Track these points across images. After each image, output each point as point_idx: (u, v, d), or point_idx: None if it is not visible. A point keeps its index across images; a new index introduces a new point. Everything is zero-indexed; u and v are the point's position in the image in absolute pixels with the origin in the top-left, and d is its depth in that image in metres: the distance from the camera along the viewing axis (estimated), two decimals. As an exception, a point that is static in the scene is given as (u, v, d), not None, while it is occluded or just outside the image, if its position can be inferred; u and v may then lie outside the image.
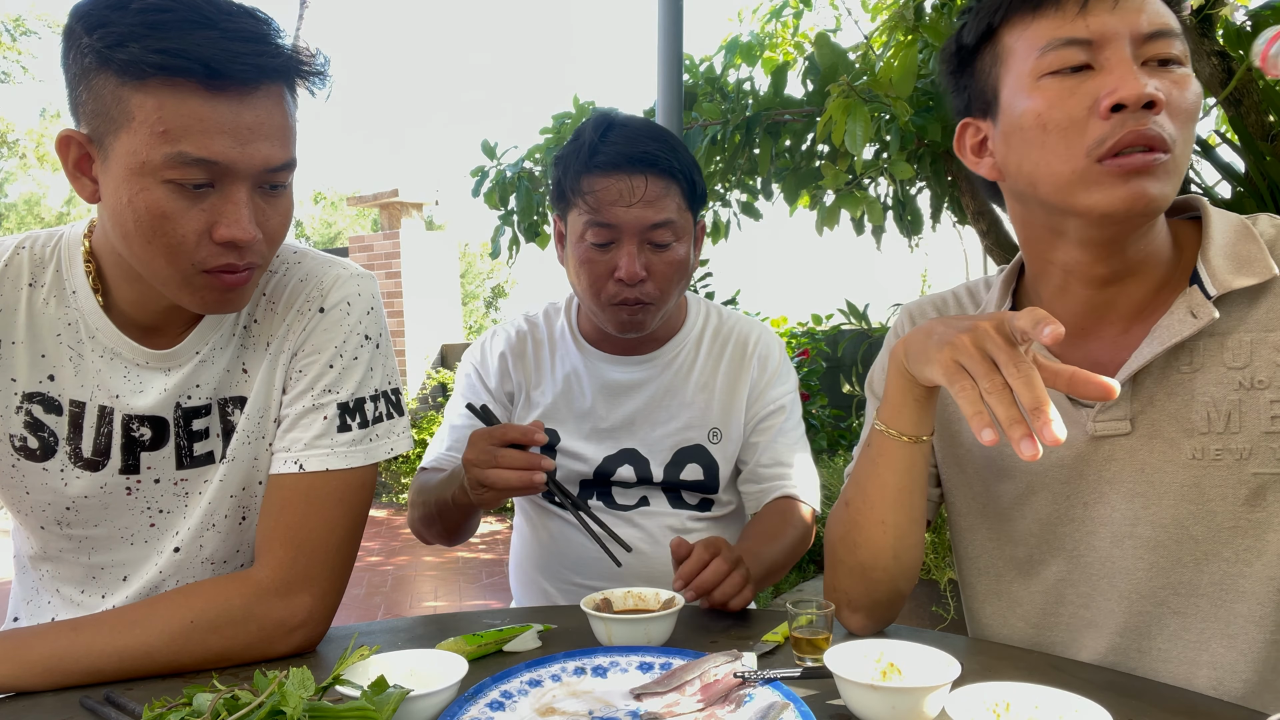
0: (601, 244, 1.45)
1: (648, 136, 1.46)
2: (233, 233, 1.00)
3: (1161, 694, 0.96)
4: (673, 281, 1.49)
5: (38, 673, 1.01)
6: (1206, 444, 1.00)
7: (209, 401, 1.17)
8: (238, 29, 0.96)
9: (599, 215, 1.43)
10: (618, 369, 1.61)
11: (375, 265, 7.60)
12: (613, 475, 1.59)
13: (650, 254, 1.46)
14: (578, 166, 1.46)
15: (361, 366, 1.18)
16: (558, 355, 1.65)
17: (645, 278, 1.45)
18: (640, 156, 1.43)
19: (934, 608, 3.14)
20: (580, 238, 1.47)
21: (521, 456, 1.25)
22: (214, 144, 0.96)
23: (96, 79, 0.96)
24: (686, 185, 1.47)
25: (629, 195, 1.42)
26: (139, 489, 1.16)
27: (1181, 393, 1.01)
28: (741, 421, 1.61)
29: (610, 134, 1.46)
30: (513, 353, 1.66)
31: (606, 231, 1.44)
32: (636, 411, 1.60)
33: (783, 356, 1.66)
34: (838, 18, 3.84)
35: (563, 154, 1.51)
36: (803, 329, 5.23)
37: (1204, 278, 1.00)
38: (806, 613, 1.06)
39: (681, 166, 1.46)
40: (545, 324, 1.69)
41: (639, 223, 1.43)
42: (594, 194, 1.44)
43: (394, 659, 0.97)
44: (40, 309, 1.13)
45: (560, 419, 1.61)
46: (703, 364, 1.62)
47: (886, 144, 2.86)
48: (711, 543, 1.25)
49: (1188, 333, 0.99)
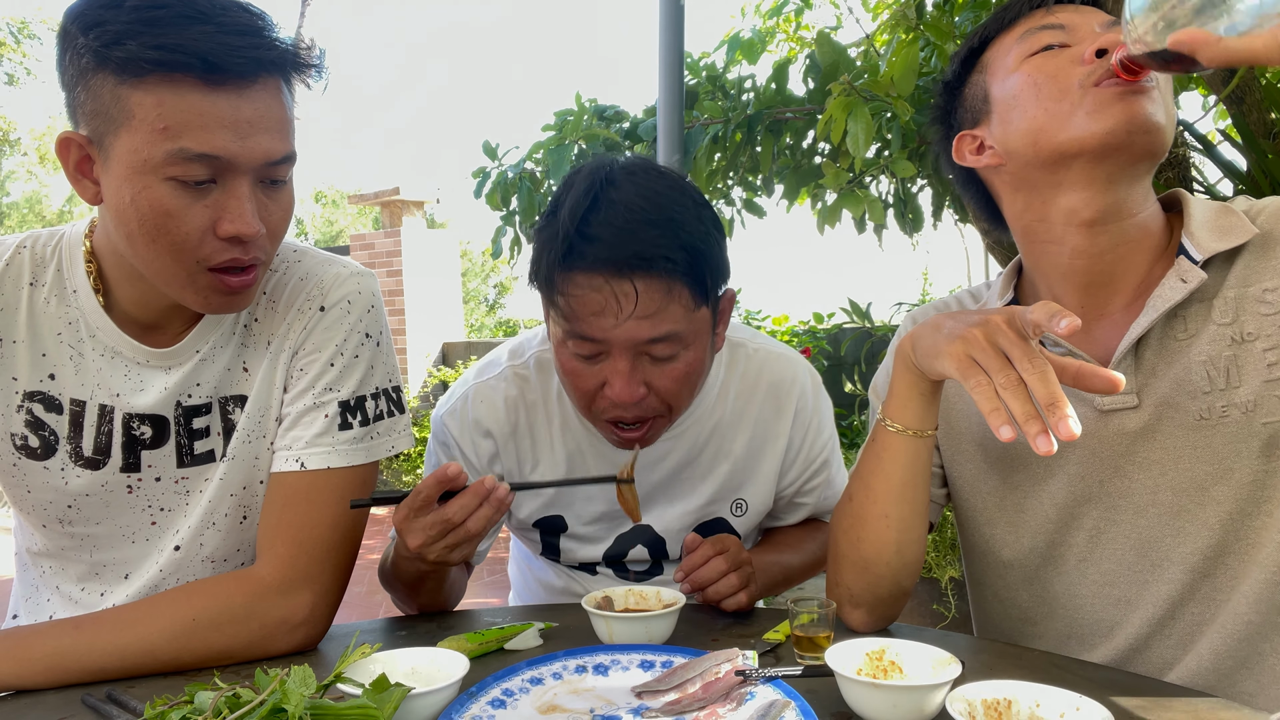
0: (587, 356, 1.17)
1: (643, 222, 1.10)
2: (237, 227, 1.00)
3: (1162, 692, 0.96)
4: (683, 394, 1.21)
5: (40, 670, 1.01)
6: (1211, 402, 1.03)
7: (209, 400, 1.17)
8: (233, 23, 0.96)
9: (579, 328, 1.13)
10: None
11: (376, 264, 7.59)
12: (625, 556, 1.44)
13: (650, 367, 1.17)
14: (550, 259, 1.13)
15: (362, 365, 1.18)
16: (555, 428, 1.37)
17: (646, 394, 1.17)
18: (631, 259, 1.08)
19: (935, 605, 3.14)
20: (561, 342, 1.19)
21: (474, 504, 1.06)
22: (215, 138, 0.96)
23: (94, 79, 0.96)
24: (696, 279, 1.13)
25: (615, 310, 1.10)
26: (140, 487, 1.16)
27: (1181, 359, 1.05)
28: (772, 487, 1.42)
29: (593, 219, 1.10)
30: (502, 430, 1.37)
31: (590, 345, 1.15)
32: (652, 489, 1.39)
33: (817, 393, 1.44)
34: (838, 16, 3.84)
35: (540, 229, 1.18)
36: (804, 327, 5.23)
37: (1189, 247, 1.05)
38: (808, 611, 1.06)
39: (689, 256, 1.11)
40: (539, 381, 1.38)
41: (631, 339, 1.12)
42: (571, 300, 1.12)
43: (395, 657, 0.98)
44: (41, 308, 1.13)
45: (566, 504, 1.41)
46: (730, 424, 1.39)
47: (888, 142, 2.86)
48: (719, 540, 1.25)
49: (1179, 297, 1.02)
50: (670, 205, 1.12)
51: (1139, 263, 1.08)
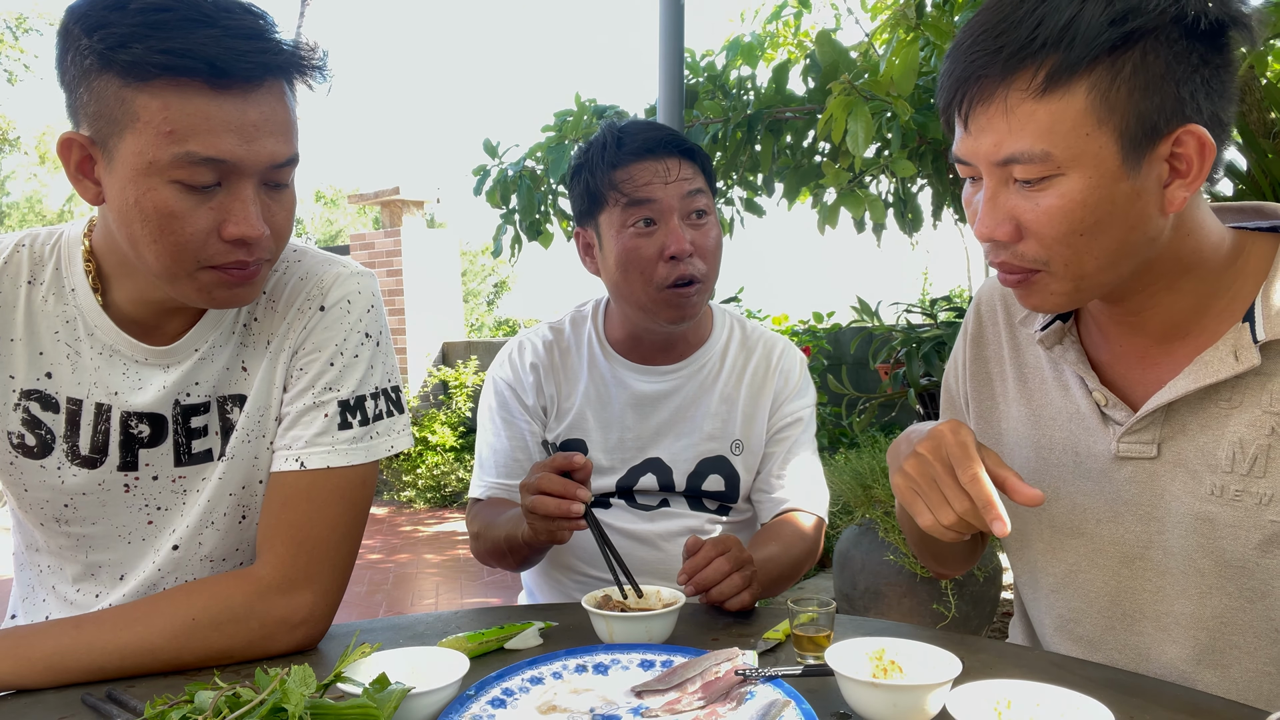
0: (645, 225, 1.48)
1: (663, 128, 1.54)
2: (242, 230, 1.00)
3: (1162, 692, 0.96)
4: (716, 257, 1.54)
5: (40, 670, 1.01)
6: (1228, 482, 0.97)
7: (208, 399, 1.17)
8: (239, 26, 0.96)
9: (639, 195, 1.47)
10: (646, 379, 1.61)
11: (376, 263, 7.59)
12: (635, 485, 1.60)
13: (692, 229, 1.49)
14: (605, 163, 1.49)
15: (362, 364, 1.18)
16: (585, 364, 1.65)
17: (693, 251, 1.48)
18: (664, 140, 1.49)
19: (935, 605, 3.14)
20: (620, 229, 1.49)
21: (560, 483, 1.25)
22: (221, 142, 0.96)
23: (98, 81, 0.95)
24: (704, 168, 1.54)
25: (664, 174, 1.48)
26: (137, 486, 1.17)
27: (1215, 427, 0.98)
28: (763, 434, 1.62)
29: (627, 129, 1.52)
30: (544, 365, 1.64)
31: (649, 209, 1.47)
32: (662, 422, 1.61)
33: (804, 371, 1.67)
34: (838, 16, 3.83)
35: (581, 163, 1.55)
36: (804, 326, 5.23)
37: (1257, 319, 0.95)
38: (808, 610, 1.06)
39: (698, 152, 1.54)
40: (573, 332, 1.68)
41: (679, 195, 1.47)
42: (630, 180, 1.47)
43: (395, 656, 0.98)
44: (39, 306, 1.13)
45: (587, 429, 1.61)
46: (727, 375, 1.63)
47: (888, 141, 2.86)
48: (721, 541, 1.26)
49: (1225, 375, 0.95)
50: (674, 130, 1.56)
51: (1173, 305, 1.00)
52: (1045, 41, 0.86)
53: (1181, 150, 0.89)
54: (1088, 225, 0.90)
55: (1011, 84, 0.88)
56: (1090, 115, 0.87)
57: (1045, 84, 0.87)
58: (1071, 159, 0.88)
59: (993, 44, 0.88)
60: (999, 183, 0.93)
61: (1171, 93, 0.86)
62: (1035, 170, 0.90)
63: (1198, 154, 0.89)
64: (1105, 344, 1.07)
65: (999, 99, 0.89)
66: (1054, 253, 0.93)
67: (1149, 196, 0.90)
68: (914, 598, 3.17)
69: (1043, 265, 0.94)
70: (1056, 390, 1.12)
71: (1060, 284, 0.95)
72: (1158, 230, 0.93)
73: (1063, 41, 0.85)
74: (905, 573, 3.14)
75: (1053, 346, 1.09)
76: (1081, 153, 0.88)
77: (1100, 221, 0.90)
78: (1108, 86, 0.86)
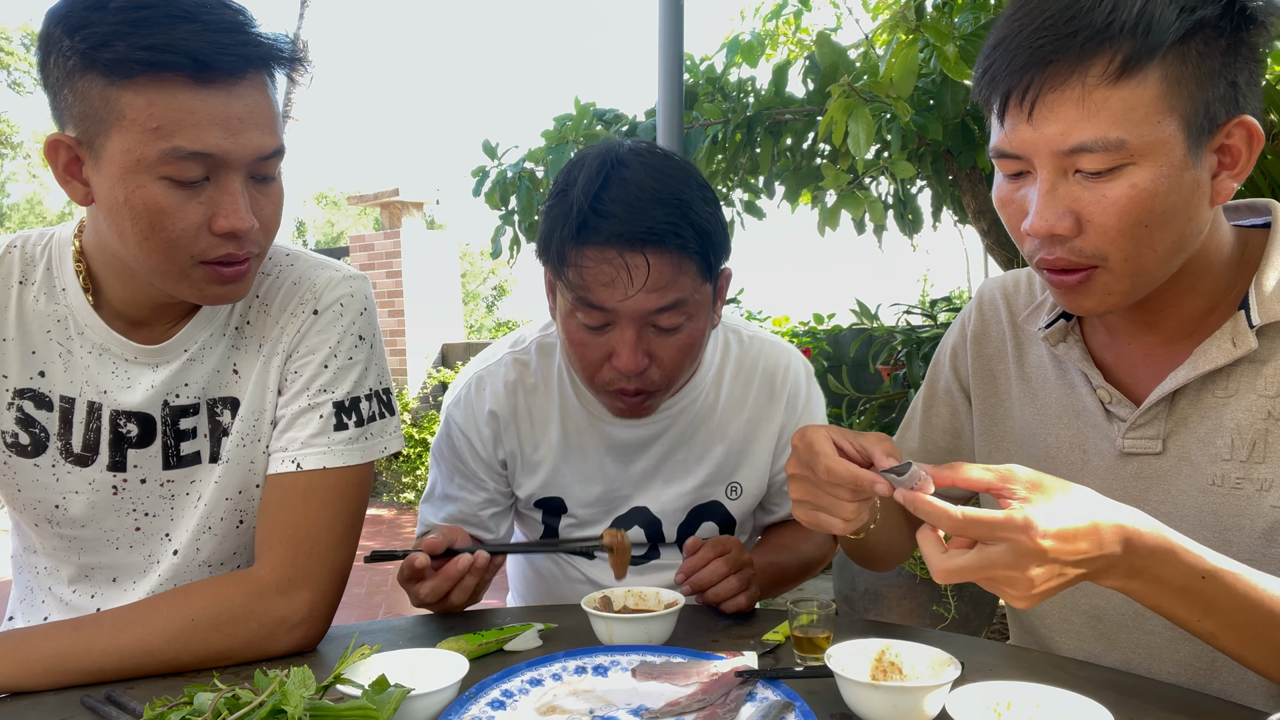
0: (594, 326, 1.22)
1: (654, 200, 1.15)
2: (231, 223, 1.01)
3: (1162, 692, 0.96)
4: (684, 365, 1.27)
5: (39, 672, 1.01)
6: (1228, 471, 0.97)
7: (197, 401, 1.17)
8: (219, 20, 0.97)
9: (590, 298, 1.18)
10: (627, 425, 1.40)
11: (376, 264, 7.59)
12: None
13: (655, 338, 1.22)
14: (563, 233, 1.18)
15: (357, 366, 1.18)
16: (556, 407, 1.41)
17: (649, 365, 1.23)
18: (644, 234, 1.14)
19: (935, 607, 3.14)
20: (569, 314, 1.23)
21: (439, 584, 1.16)
22: (207, 136, 0.97)
23: (82, 81, 0.96)
24: (702, 255, 1.19)
25: (626, 282, 1.15)
26: (125, 489, 1.17)
27: (1213, 416, 0.99)
28: (766, 470, 1.46)
29: (606, 196, 1.15)
30: (504, 414, 1.40)
31: (599, 315, 1.20)
32: (648, 469, 1.43)
33: (810, 383, 1.49)
34: (838, 16, 3.83)
35: (549, 207, 1.23)
36: (804, 328, 5.23)
37: (1251, 305, 0.96)
38: (807, 612, 1.06)
39: (697, 234, 1.17)
40: (540, 364, 1.42)
41: (640, 309, 1.18)
42: (583, 271, 1.17)
43: (395, 658, 0.98)
44: (31, 306, 1.13)
45: (563, 485, 1.43)
46: (724, 407, 1.43)
47: (888, 143, 2.86)
48: (721, 542, 1.25)
49: (1223, 361, 0.96)
50: (678, 185, 1.19)
51: (1189, 305, 1.00)
52: (1123, 26, 0.84)
53: (1230, 142, 0.89)
54: (1155, 216, 0.88)
55: (1089, 68, 0.86)
56: (1162, 102, 0.86)
57: (1121, 69, 0.85)
58: (1144, 147, 0.87)
59: (1064, 28, 0.86)
60: (1057, 174, 0.90)
61: (1228, 82, 0.87)
62: (1106, 160, 0.87)
63: (1246, 145, 0.89)
64: (1110, 342, 1.07)
65: (1074, 84, 0.86)
66: (1116, 246, 0.90)
67: (1204, 188, 0.90)
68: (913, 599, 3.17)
69: (1101, 260, 0.92)
70: (1061, 388, 1.12)
71: (1118, 281, 0.93)
72: (1205, 223, 0.93)
73: (1139, 27, 0.84)
74: (905, 574, 3.14)
75: (1057, 344, 1.09)
76: (1154, 140, 0.86)
77: (1167, 212, 0.89)
78: (1177, 74, 0.85)
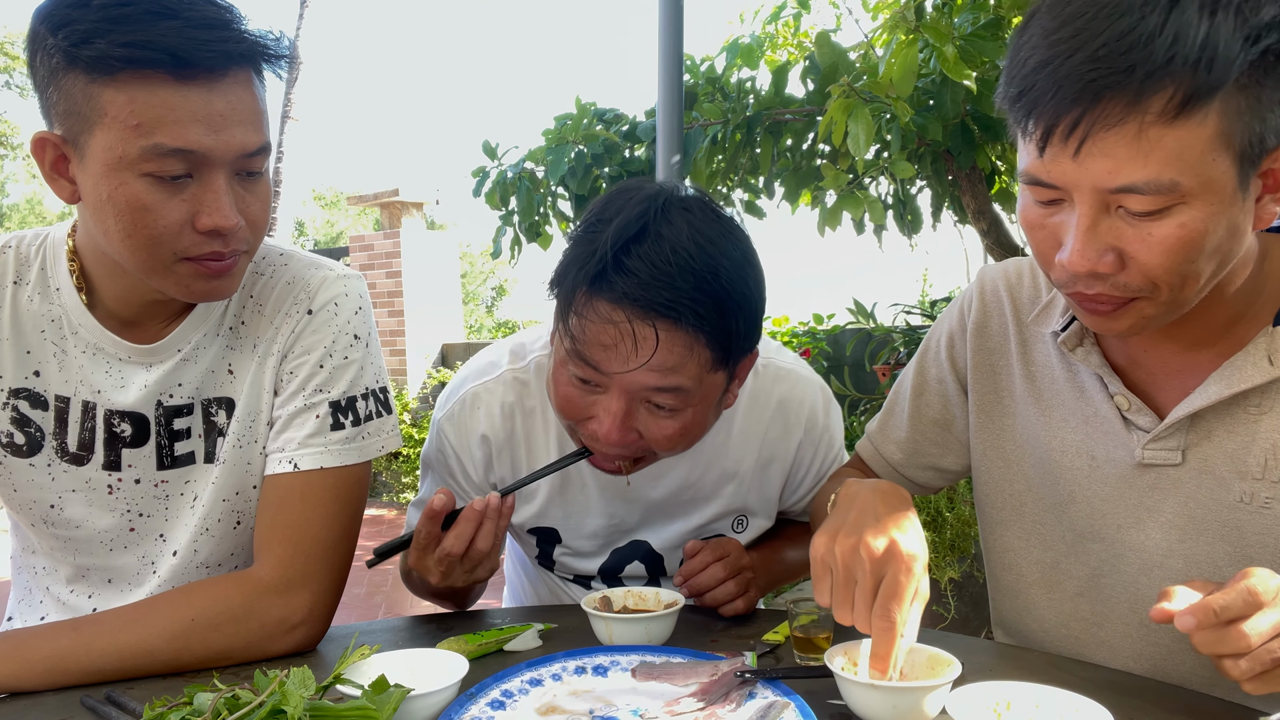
0: (584, 382, 1.10)
1: (685, 267, 1.02)
2: (215, 220, 1.00)
3: (1162, 692, 0.96)
4: (673, 449, 1.16)
5: (39, 672, 1.01)
6: (1258, 490, 0.96)
7: (191, 401, 1.17)
8: (201, 16, 0.96)
9: (586, 354, 1.06)
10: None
11: (376, 265, 7.59)
12: (621, 572, 1.41)
13: (646, 415, 1.10)
14: (578, 276, 1.06)
15: (353, 366, 1.18)
16: (552, 437, 1.32)
17: (634, 439, 1.12)
18: (662, 304, 1.01)
19: (934, 607, 3.14)
20: (562, 360, 1.12)
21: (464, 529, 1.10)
22: (188, 133, 0.97)
23: (65, 79, 0.96)
24: (722, 341, 1.07)
25: (629, 352, 1.04)
26: (119, 488, 1.17)
27: (1243, 433, 0.97)
28: (775, 504, 1.39)
29: (635, 249, 1.03)
30: (498, 436, 1.31)
31: (592, 373, 1.08)
32: (650, 507, 1.35)
33: (828, 410, 1.37)
34: (838, 17, 3.83)
35: (578, 236, 1.11)
36: (804, 328, 5.23)
37: None
38: (807, 612, 1.06)
39: (722, 316, 1.05)
40: (538, 387, 1.32)
41: (635, 384, 1.06)
42: (586, 324, 1.05)
43: (394, 658, 0.98)
44: (25, 306, 1.13)
45: (559, 518, 1.36)
46: (736, 442, 1.32)
47: (887, 143, 2.86)
48: (720, 545, 1.25)
49: (1259, 380, 0.93)
50: (718, 255, 1.05)
51: (1213, 315, 0.96)
52: (1185, 60, 0.77)
53: (1277, 166, 0.84)
54: (1206, 252, 0.84)
55: (1147, 107, 0.79)
56: (1219, 140, 0.80)
57: (1180, 108, 0.78)
58: (1198, 187, 0.81)
59: (1121, 61, 0.78)
60: (1099, 210, 0.85)
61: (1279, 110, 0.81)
62: (1156, 202, 0.82)
63: None
64: (1125, 349, 1.05)
65: (1132, 122, 0.79)
66: (1162, 280, 0.86)
67: (1250, 213, 0.86)
68: (914, 599, 3.16)
69: (1146, 293, 0.88)
70: (1070, 390, 1.10)
71: (1158, 309, 0.89)
72: (1245, 247, 0.89)
73: (1201, 61, 0.76)
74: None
75: (1074, 349, 1.07)
76: (1208, 180, 0.81)
77: (1217, 247, 0.85)
78: (1236, 108, 0.79)
